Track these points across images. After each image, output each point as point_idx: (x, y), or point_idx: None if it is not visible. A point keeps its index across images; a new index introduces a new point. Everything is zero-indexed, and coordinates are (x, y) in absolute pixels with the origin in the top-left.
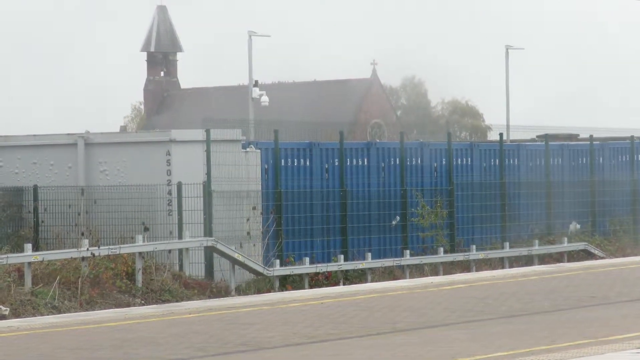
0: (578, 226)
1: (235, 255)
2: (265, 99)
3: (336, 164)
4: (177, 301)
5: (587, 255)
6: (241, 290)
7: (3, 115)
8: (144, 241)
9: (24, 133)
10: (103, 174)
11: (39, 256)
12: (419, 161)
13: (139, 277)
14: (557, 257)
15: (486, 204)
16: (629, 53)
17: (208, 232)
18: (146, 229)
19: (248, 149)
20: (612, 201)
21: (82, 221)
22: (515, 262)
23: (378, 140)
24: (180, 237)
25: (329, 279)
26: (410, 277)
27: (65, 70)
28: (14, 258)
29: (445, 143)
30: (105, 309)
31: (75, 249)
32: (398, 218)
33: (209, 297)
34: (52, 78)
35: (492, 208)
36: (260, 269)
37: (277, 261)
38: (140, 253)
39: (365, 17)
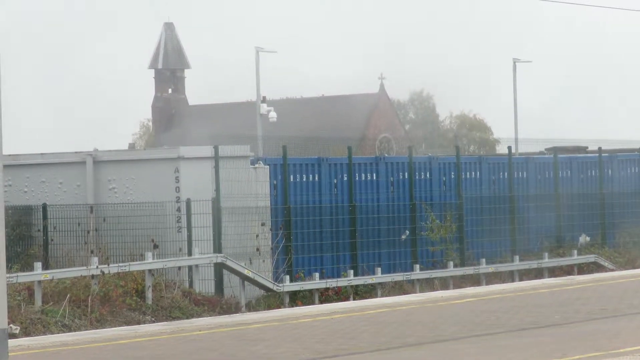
0: (588, 238)
1: (245, 272)
2: (273, 115)
3: (345, 179)
4: (187, 318)
5: (597, 267)
6: (251, 307)
7: (11, 134)
8: (153, 258)
9: (32, 152)
10: (112, 191)
11: (48, 274)
12: (428, 175)
13: (149, 295)
14: (567, 270)
15: (495, 217)
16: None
17: (217, 248)
18: (155, 246)
19: (257, 165)
20: (622, 213)
21: (92, 239)
22: (525, 275)
23: (387, 155)
24: (189, 253)
25: (339, 294)
26: (420, 292)
27: (73, 88)
28: (24, 277)
29: (453, 157)
30: (115, 326)
31: (85, 267)
32: (407, 232)
33: (219, 314)
34: (60, 96)
35: (501, 221)
36: (270, 285)
37: (287, 277)
38: (150, 270)
39: (372, 31)
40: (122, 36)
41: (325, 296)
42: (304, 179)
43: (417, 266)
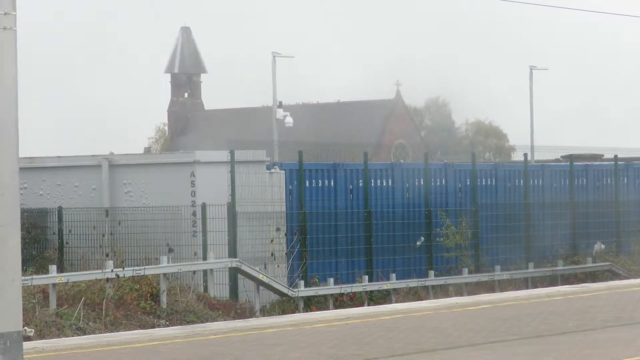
0: (603, 246)
1: (260, 276)
2: (289, 120)
3: (360, 184)
4: (201, 322)
5: (612, 275)
6: (266, 311)
7: (27, 137)
8: (168, 262)
9: (48, 155)
10: (127, 195)
11: (63, 277)
12: (444, 182)
13: (164, 298)
14: (582, 277)
15: (510, 225)
16: None
17: (232, 253)
18: (170, 250)
19: (272, 170)
20: (637, 221)
21: (107, 242)
22: (540, 282)
23: (402, 161)
24: (204, 258)
25: (354, 300)
26: (434, 298)
27: (89, 92)
28: (39, 279)
29: (469, 164)
30: (129, 330)
31: (100, 270)
32: (422, 239)
33: (234, 318)
34: (76, 99)
35: (516, 228)
36: (284, 290)
37: (302, 282)
38: (164, 274)
39: (389, 38)
40: (138, 40)
41: (340, 301)
42: (320, 185)
43: (432, 272)
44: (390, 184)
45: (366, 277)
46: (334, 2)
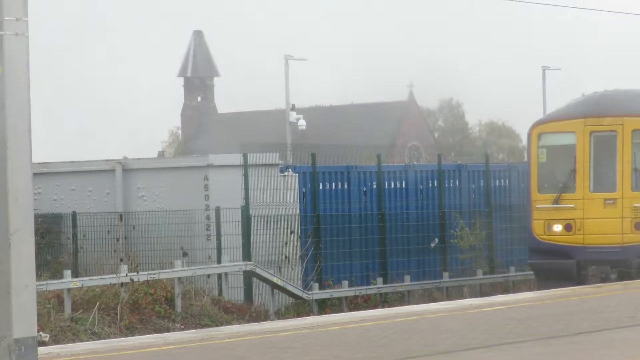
0: None
1: (274, 280)
2: (302, 122)
3: (374, 186)
4: (216, 326)
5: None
6: (280, 314)
7: (40, 142)
8: (182, 266)
9: (61, 160)
10: (141, 199)
11: (78, 282)
12: (457, 183)
13: (178, 302)
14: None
15: (524, 225)
16: None
17: (247, 256)
18: (185, 254)
19: (286, 173)
20: None
21: (121, 247)
22: None
23: (416, 163)
24: (219, 261)
25: (368, 302)
26: (449, 299)
27: (102, 97)
28: (54, 284)
29: (483, 165)
30: (144, 334)
31: (114, 275)
32: (437, 240)
33: (248, 322)
34: (89, 104)
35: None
36: (299, 293)
37: (316, 285)
38: (179, 278)
39: (400, 39)
40: (151, 44)
41: (355, 304)
42: (333, 187)
43: (446, 274)
44: (404, 185)
45: (380, 279)
46: (344, 3)
